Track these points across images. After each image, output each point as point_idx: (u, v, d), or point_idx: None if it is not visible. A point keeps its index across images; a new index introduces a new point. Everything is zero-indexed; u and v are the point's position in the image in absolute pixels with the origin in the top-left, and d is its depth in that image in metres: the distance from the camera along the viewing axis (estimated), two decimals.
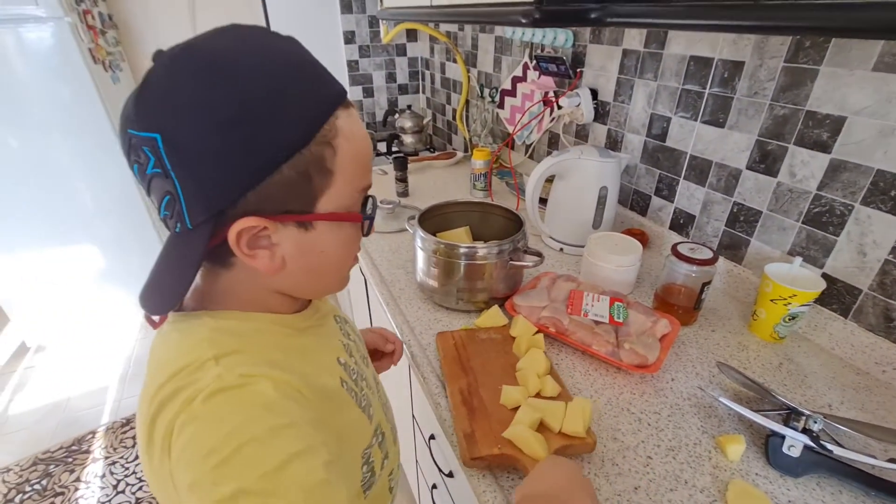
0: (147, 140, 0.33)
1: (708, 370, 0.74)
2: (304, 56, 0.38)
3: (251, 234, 0.37)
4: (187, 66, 0.34)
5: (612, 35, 1.09)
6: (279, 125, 0.34)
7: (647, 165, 1.08)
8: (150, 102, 0.34)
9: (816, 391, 0.70)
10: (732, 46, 0.83)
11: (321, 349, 0.48)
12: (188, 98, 0.33)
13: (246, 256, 0.38)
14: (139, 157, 0.34)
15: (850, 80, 0.68)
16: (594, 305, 0.80)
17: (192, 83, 0.33)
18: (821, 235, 0.77)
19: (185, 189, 0.34)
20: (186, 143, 0.33)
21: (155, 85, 0.34)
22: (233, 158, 0.34)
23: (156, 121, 0.33)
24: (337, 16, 2.04)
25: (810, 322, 0.80)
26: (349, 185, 0.40)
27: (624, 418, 0.65)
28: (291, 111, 0.35)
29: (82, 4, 1.92)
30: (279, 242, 0.39)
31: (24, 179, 1.90)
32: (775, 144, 0.80)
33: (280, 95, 0.34)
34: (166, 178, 0.34)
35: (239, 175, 0.34)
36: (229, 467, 0.31)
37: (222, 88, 0.33)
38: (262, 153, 0.34)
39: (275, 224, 0.37)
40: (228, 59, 0.34)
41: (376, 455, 0.50)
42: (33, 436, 1.77)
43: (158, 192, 0.35)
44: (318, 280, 0.45)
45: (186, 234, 0.36)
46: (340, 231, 0.42)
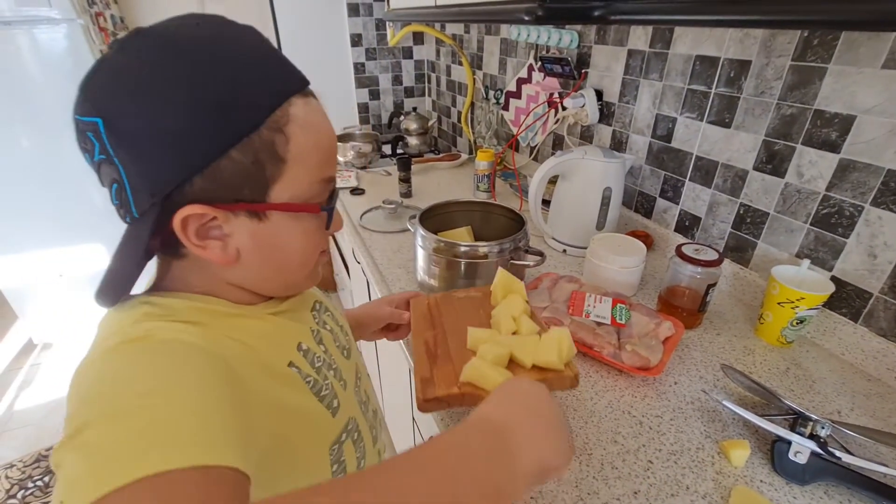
0: (89, 125, 0.33)
1: (712, 374, 0.72)
2: (260, 44, 0.37)
3: (199, 223, 0.36)
4: (136, 49, 0.33)
5: (616, 35, 1.08)
6: (226, 108, 0.33)
7: (651, 167, 1.07)
8: (94, 86, 0.33)
9: (825, 397, 0.67)
10: (739, 45, 0.82)
11: (278, 333, 0.44)
12: (134, 80, 0.32)
13: (195, 247, 0.36)
14: (85, 143, 0.34)
15: (859, 79, 0.67)
16: (596, 307, 0.78)
17: (137, 65, 0.33)
18: (830, 237, 0.75)
19: (129, 175, 0.33)
20: (128, 126, 0.32)
21: (103, 69, 0.33)
22: (177, 141, 0.33)
23: (98, 104, 0.33)
24: (344, 19, 2.06)
25: (819, 326, 0.78)
26: (306, 175, 0.38)
27: (625, 421, 0.63)
28: (240, 95, 0.34)
29: (95, 7, 1.95)
30: (231, 233, 0.37)
31: (34, 179, 1.93)
32: (782, 144, 0.79)
33: (228, 80, 0.34)
34: (111, 164, 0.33)
35: (183, 158, 0.33)
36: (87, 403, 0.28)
37: (170, 70, 0.32)
38: (208, 136, 0.33)
39: (224, 213, 0.36)
40: (179, 42, 0.33)
41: (349, 454, 0.47)
42: (38, 432, 1.78)
43: (107, 180, 0.35)
44: (280, 275, 0.43)
45: (135, 223, 0.35)
46: (299, 223, 0.40)
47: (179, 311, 0.38)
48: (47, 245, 2.07)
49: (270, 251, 0.40)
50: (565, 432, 0.37)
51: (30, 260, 2.06)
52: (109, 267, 0.37)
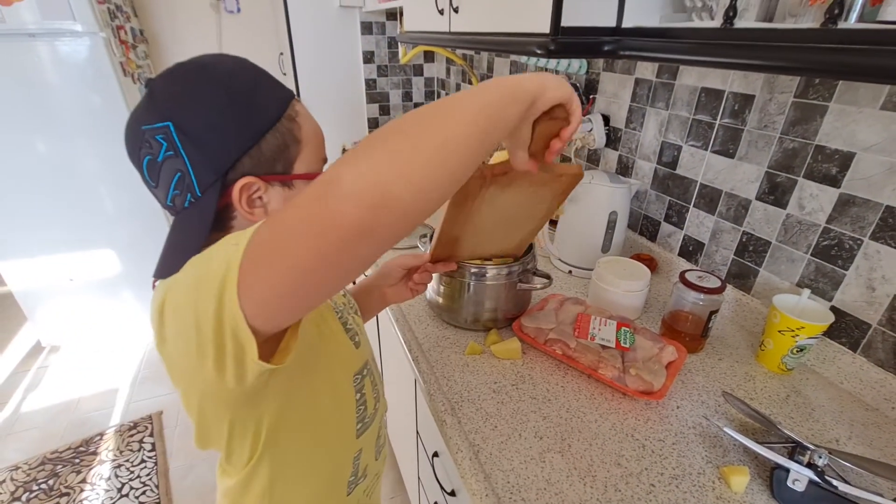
0: (160, 129, 0.43)
1: (714, 399, 0.74)
2: (259, 68, 0.49)
3: (248, 193, 0.46)
4: (182, 74, 0.45)
5: (625, 64, 1.11)
6: (258, 105, 0.45)
7: (657, 192, 1.09)
8: (159, 101, 0.44)
9: (824, 425, 0.69)
10: (743, 80, 0.85)
11: None
12: (190, 93, 0.44)
13: (246, 213, 0.46)
14: (151, 147, 0.43)
15: (858, 118, 0.70)
16: (601, 329, 0.80)
17: (187, 83, 0.44)
18: (829, 268, 0.77)
19: (193, 161, 0.43)
20: (194, 125, 0.43)
21: (160, 90, 0.44)
22: (229, 130, 0.44)
23: (166, 113, 0.43)
24: (357, 37, 2.11)
25: (819, 355, 0.80)
26: (313, 154, 0.50)
27: (628, 444, 0.65)
28: (265, 95, 0.46)
29: (116, 20, 2.01)
30: (270, 200, 0.47)
31: (49, 184, 1.97)
32: (784, 177, 0.81)
33: (254, 85, 0.46)
34: (177, 156, 0.43)
35: (235, 142, 0.44)
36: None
37: (211, 84, 0.44)
38: (251, 125, 0.45)
39: (265, 184, 0.46)
40: (211, 66, 0.46)
41: (368, 388, 0.61)
42: (44, 435, 1.80)
43: (169, 174, 0.44)
44: None
45: (196, 203, 0.45)
46: None
47: None
48: (59, 249, 2.11)
49: None
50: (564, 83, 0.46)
51: (41, 263, 2.10)
52: (170, 244, 0.46)
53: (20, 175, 1.92)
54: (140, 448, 1.73)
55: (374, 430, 0.63)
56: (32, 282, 2.12)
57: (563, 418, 0.70)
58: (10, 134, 1.85)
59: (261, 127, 0.45)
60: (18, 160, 1.90)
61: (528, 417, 0.70)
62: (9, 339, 2.35)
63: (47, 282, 2.14)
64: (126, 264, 2.25)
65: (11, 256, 2.04)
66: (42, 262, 2.10)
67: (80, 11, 1.77)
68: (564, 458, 0.63)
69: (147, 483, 1.60)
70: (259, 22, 2.52)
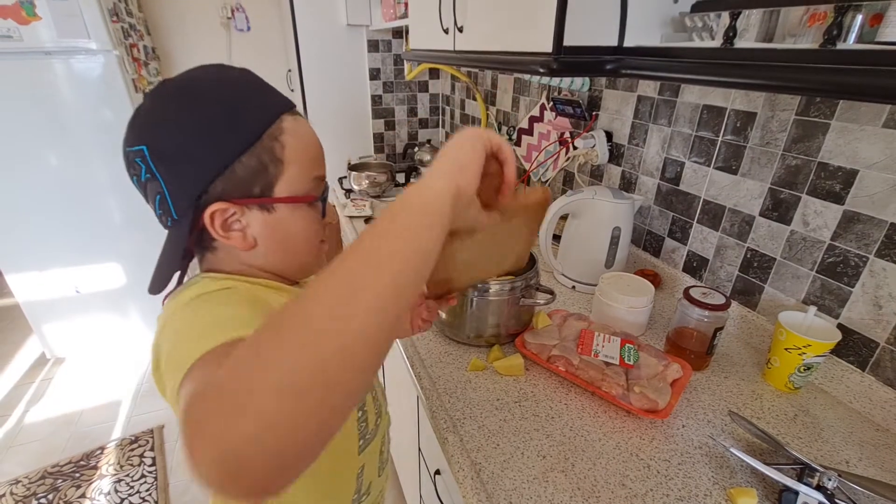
0: (137, 152, 0.43)
1: (720, 418, 0.72)
2: (252, 79, 0.48)
3: (223, 217, 0.46)
4: (162, 94, 0.45)
5: (627, 82, 1.13)
6: (233, 127, 0.44)
7: (660, 207, 1.10)
8: (137, 123, 0.44)
9: (833, 446, 0.68)
10: (745, 98, 0.86)
11: None
12: (163, 115, 0.44)
13: (221, 237, 0.46)
14: (134, 168, 0.44)
15: (861, 135, 0.70)
16: (605, 346, 0.80)
17: (165, 104, 0.44)
18: (835, 286, 0.77)
19: (169, 186, 0.44)
20: (166, 149, 0.43)
21: (143, 110, 0.45)
22: (201, 154, 0.43)
23: (142, 136, 0.44)
24: (364, 54, 2.15)
25: (826, 373, 0.78)
26: (301, 173, 0.48)
27: (632, 464, 0.64)
28: (246, 112, 0.45)
29: (130, 38, 2.07)
30: (248, 224, 0.47)
31: (58, 196, 2.00)
32: (788, 193, 0.81)
33: (231, 106, 0.44)
34: (154, 180, 0.44)
35: (207, 166, 0.44)
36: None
37: (188, 106, 0.44)
38: (224, 147, 0.44)
39: (241, 208, 0.46)
40: (191, 84, 0.45)
41: (369, 404, 0.60)
42: (45, 448, 1.79)
43: (153, 194, 0.45)
44: (292, 256, 0.52)
45: (176, 224, 0.46)
46: (299, 212, 0.50)
47: (233, 279, 0.49)
48: (67, 261, 2.13)
49: (280, 236, 0.50)
50: (472, 156, 0.36)
51: (49, 276, 2.12)
52: (158, 262, 0.48)
53: (32, 188, 1.96)
54: (140, 462, 1.71)
55: (376, 446, 0.63)
56: (39, 293, 2.14)
57: (567, 437, 0.69)
58: (23, 148, 1.89)
59: (235, 148, 0.44)
60: (31, 173, 1.94)
61: (531, 435, 0.69)
62: (14, 351, 2.36)
63: (54, 293, 2.16)
64: (132, 277, 2.26)
65: (20, 268, 2.07)
66: (50, 274, 2.12)
67: (96, 30, 1.82)
68: (568, 477, 0.62)
69: (146, 498, 1.58)
70: (268, 40, 2.58)
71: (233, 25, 2.49)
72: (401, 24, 1.70)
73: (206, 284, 0.46)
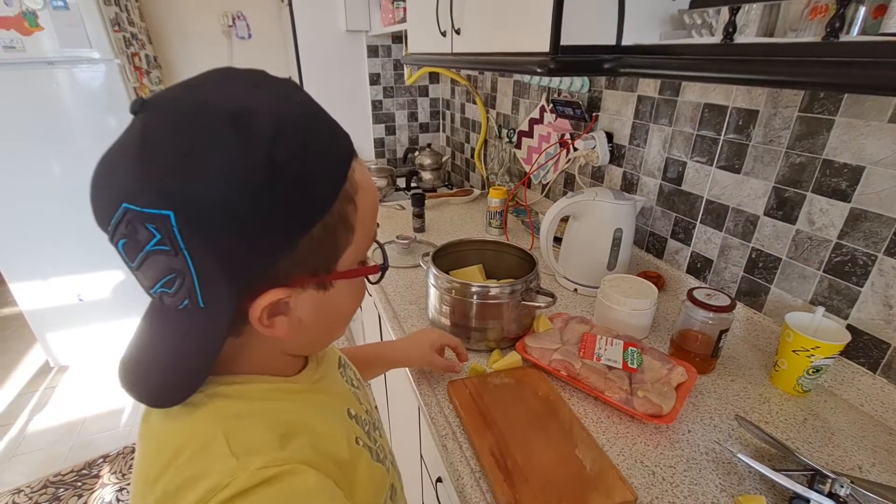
0: (154, 217, 0.28)
1: (727, 423, 0.71)
2: (315, 104, 0.34)
3: (273, 306, 0.33)
4: (199, 126, 0.29)
5: (626, 82, 1.12)
6: (307, 186, 0.31)
7: (662, 208, 1.08)
8: (158, 170, 0.28)
9: (844, 451, 0.66)
10: (746, 95, 0.84)
11: (331, 404, 0.45)
12: (208, 164, 0.28)
13: (265, 328, 0.34)
14: (135, 233, 0.29)
15: (866, 131, 0.68)
16: (607, 350, 0.78)
17: (209, 144, 0.28)
18: (844, 285, 0.75)
19: (199, 266, 0.30)
20: (207, 217, 0.28)
21: (159, 149, 0.29)
22: (261, 227, 0.30)
23: (168, 193, 0.28)
24: (364, 60, 2.15)
25: (836, 375, 0.76)
26: (365, 238, 0.38)
27: (637, 471, 0.62)
28: (317, 168, 0.31)
29: (131, 47, 2.08)
30: (296, 307, 0.35)
31: (60, 204, 2.01)
32: (792, 192, 0.80)
33: (305, 151, 0.31)
34: (175, 255, 0.29)
35: (268, 244, 0.31)
36: None
37: (246, 150, 0.28)
38: (294, 218, 0.31)
39: (297, 290, 0.34)
40: (244, 112, 0.29)
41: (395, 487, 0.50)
42: (48, 457, 1.79)
43: (158, 269, 0.30)
44: (330, 335, 0.43)
45: (195, 311, 0.31)
46: (354, 283, 0.40)
47: (251, 398, 0.36)
48: (70, 269, 2.13)
49: (328, 315, 0.39)
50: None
51: (52, 284, 2.13)
52: (167, 363, 0.35)
53: (35, 196, 1.97)
54: None
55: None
56: (43, 302, 2.15)
57: None
58: (26, 156, 1.91)
59: (308, 219, 0.32)
60: (34, 182, 1.95)
61: None
62: (18, 359, 2.37)
63: (57, 302, 2.17)
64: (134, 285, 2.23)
65: (24, 277, 2.08)
66: (53, 282, 2.13)
67: (97, 40, 1.84)
68: None
69: None
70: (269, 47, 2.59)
71: (234, 33, 2.50)
72: (400, 28, 1.71)
73: (239, 453, 0.31)
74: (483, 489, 0.60)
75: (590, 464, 0.61)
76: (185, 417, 0.34)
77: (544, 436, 0.65)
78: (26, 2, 1.70)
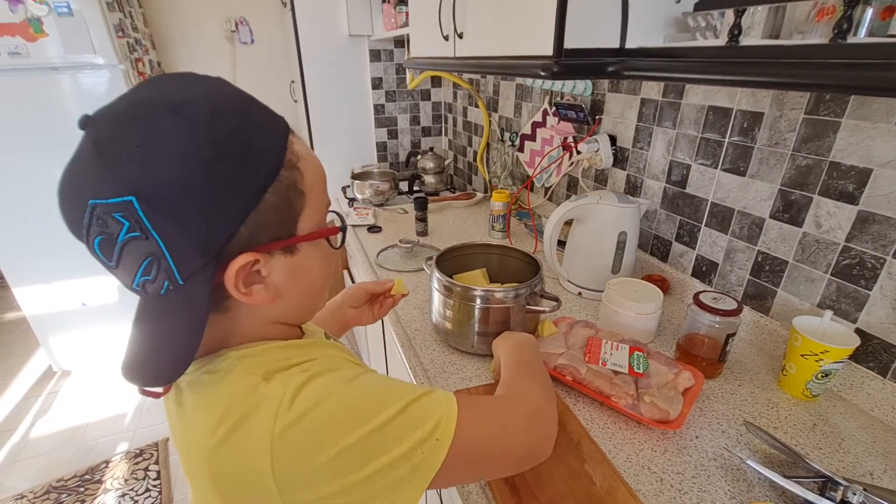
0: (118, 205, 0.31)
1: (735, 428, 0.70)
2: (246, 94, 0.39)
3: (245, 271, 0.37)
4: (143, 116, 0.33)
5: (630, 85, 1.11)
6: (253, 155, 0.35)
7: (667, 211, 1.07)
8: (113, 163, 0.32)
9: (855, 457, 0.65)
10: (751, 98, 0.84)
11: (339, 355, 0.49)
12: (158, 149, 0.32)
13: (243, 296, 0.38)
14: (106, 226, 0.32)
15: (873, 133, 0.68)
16: (613, 354, 0.78)
17: (156, 133, 0.32)
18: (852, 289, 0.74)
19: (170, 244, 0.33)
20: (166, 196, 0.32)
21: (111, 147, 0.32)
22: (218, 197, 0.33)
23: (126, 181, 0.31)
24: (366, 64, 2.16)
25: (846, 380, 0.75)
26: (319, 203, 0.42)
27: (644, 477, 0.62)
28: (258, 141, 0.36)
29: (135, 53, 2.09)
30: (269, 273, 0.39)
31: None
32: (799, 194, 0.79)
33: (243, 127, 0.35)
34: (146, 239, 0.32)
35: (227, 212, 0.34)
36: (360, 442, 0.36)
37: (189, 130, 0.32)
38: (246, 184, 0.35)
39: (264, 256, 0.38)
40: (182, 101, 0.33)
41: None
42: (51, 462, 1.79)
43: (134, 258, 0.33)
44: (311, 300, 0.47)
45: (178, 290, 0.35)
46: (320, 248, 0.44)
47: (267, 353, 0.41)
48: (74, 274, 2.14)
49: (302, 279, 0.43)
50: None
51: (56, 288, 2.13)
52: (150, 342, 0.37)
53: (39, 201, 1.97)
54: (145, 476, 1.70)
55: None
56: (46, 307, 2.15)
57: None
58: (31, 162, 1.92)
59: (259, 184, 0.36)
60: (38, 187, 1.96)
61: None
62: (21, 364, 2.37)
63: (61, 307, 2.17)
64: None
65: (28, 282, 2.08)
66: (56, 287, 2.13)
67: (101, 46, 1.85)
68: None
69: None
70: (271, 52, 2.60)
71: (237, 38, 2.52)
72: (402, 32, 1.71)
73: (280, 380, 0.37)
74: (488, 495, 0.60)
75: (600, 480, 0.60)
76: (222, 381, 0.38)
77: (552, 450, 0.64)
78: (31, 8, 1.71)
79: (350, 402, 0.38)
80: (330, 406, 0.37)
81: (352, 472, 0.36)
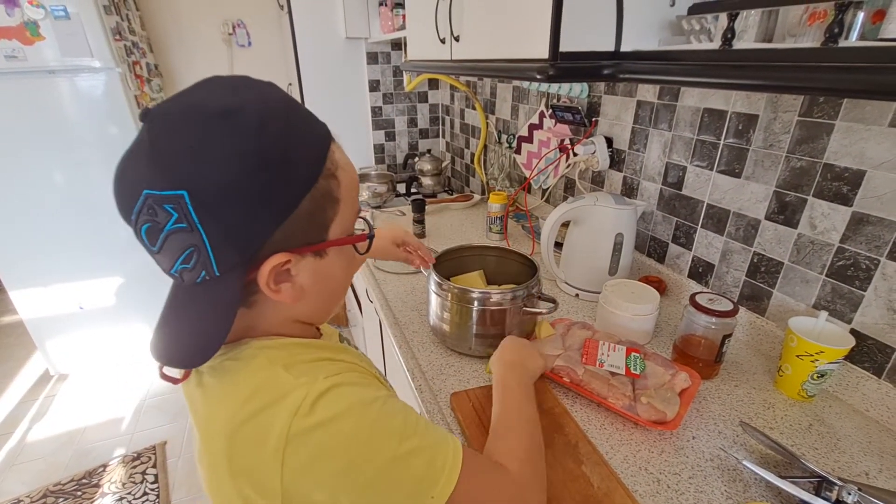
0: (171, 198, 0.34)
1: (731, 429, 0.70)
2: (293, 100, 0.41)
3: (277, 270, 0.40)
4: (198, 121, 0.35)
5: (626, 87, 1.12)
6: (293, 161, 0.37)
7: (663, 213, 1.08)
8: (168, 160, 0.35)
9: (851, 457, 0.65)
10: (746, 100, 0.84)
11: (353, 360, 0.50)
12: (209, 153, 0.35)
13: (272, 292, 0.40)
14: (156, 215, 0.35)
15: (867, 135, 0.68)
16: (610, 355, 0.78)
17: (208, 137, 0.35)
18: (847, 289, 0.74)
19: (212, 238, 0.36)
20: (214, 195, 0.35)
21: (166, 142, 0.35)
22: (260, 200, 0.36)
23: (180, 177, 0.34)
24: (363, 66, 2.16)
25: (841, 380, 0.76)
26: (350, 210, 0.44)
27: (641, 478, 0.62)
28: (300, 150, 0.38)
29: (132, 56, 2.09)
30: (298, 273, 0.42)
31: (62, 212, 2.02)
32: (793, 196, 0.80)
33: (288, 137, 0.37)
34: (192, 231, 0.35)
35: (267, 215, 0.37)
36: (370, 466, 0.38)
37: (238, 137, 0.35)
38: (285, 190, 0.37)
39: (296, 257, 0.40)
40: (233, 109, 0.35)
41: None
42: (49, 466, 1.78)
43: (177, 247, 0.36)
44: (331, 302, 0.49)
45: (213, 281, 0.38)
46: (345, 254, 0.46)
47: (288, 346, 0.44)
48: (70, 277, 2.13)
49: (326, 282, 0.46)
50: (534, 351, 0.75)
51: (52, 292, 2.13)
52: (181, 325, 0.41)
53: (36, 204, 1.97)
54: (143, 480, 1.69)
55: None
56: (43, 310, 2.14)
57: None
58: (28, 165, 1.91)
59: (297, 192, 0.38)
60: (35, 190, 1.95)
61: None
62: (18, 368, 2.36)
63: (58, 310, 2.16)
64: (135, 293, 2.26)
65: (24, 285, 2.07)
66: (53, 290, 2.12)
67: (98, 49, 1.84)
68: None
69: None
70: (269, 55, 2.60)
71: (234, 41, 2.52)
72: (399, 35, 1.71)
73: (301, 374, 0.40)
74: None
75: (597, 482, 0.60)
76: (245, 368, 0.41)
77: (550, 452, 0.64)
78: (28, 11, 1.71)
79: (364, 431, 0.39)
80: (345, 427, 0.38)
81: (346, 495, 0.38)
